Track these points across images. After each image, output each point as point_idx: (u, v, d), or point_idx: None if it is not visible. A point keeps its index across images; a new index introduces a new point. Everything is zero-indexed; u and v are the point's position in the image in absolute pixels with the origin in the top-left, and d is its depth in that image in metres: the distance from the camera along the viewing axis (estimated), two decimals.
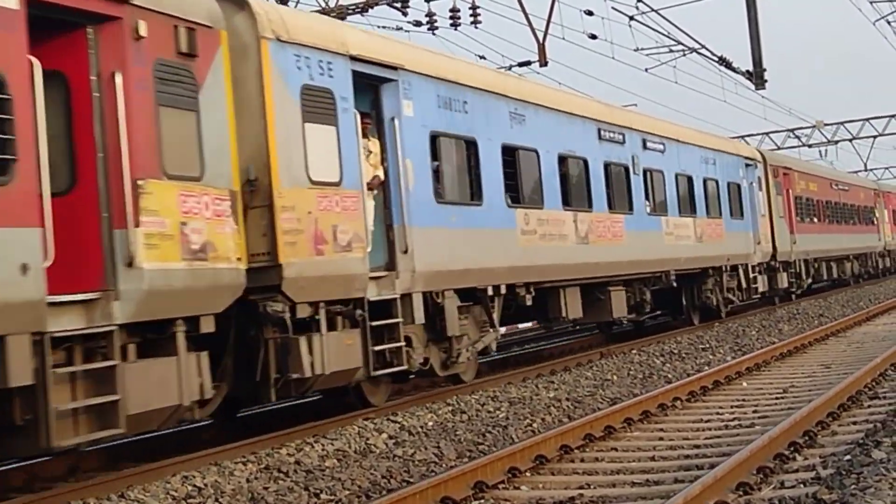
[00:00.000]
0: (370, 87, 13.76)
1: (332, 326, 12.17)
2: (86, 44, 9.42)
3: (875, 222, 48.89)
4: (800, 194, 35.20)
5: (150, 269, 9.44)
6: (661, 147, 23.37)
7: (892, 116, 55.15)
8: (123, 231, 9.35)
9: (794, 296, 33.30)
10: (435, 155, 14.66)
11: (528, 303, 16.71)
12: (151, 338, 9.77)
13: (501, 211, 16.25)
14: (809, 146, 58.01)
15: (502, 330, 17.58)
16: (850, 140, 57.30)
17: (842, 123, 57.00)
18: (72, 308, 8.88)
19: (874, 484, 6.97)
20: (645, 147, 22.41)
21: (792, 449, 9.40)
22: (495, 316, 15.80)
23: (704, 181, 25.59)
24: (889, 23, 33.50)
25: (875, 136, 56.63)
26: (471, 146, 15.62)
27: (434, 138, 14.67)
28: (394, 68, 13.92)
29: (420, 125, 14.34)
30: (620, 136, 21.19)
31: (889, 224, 58.12)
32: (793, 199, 33.93)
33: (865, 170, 65.05)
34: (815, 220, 37.22)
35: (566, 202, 18.38)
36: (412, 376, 14.72)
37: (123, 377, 9.07)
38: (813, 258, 35.62)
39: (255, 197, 11.39)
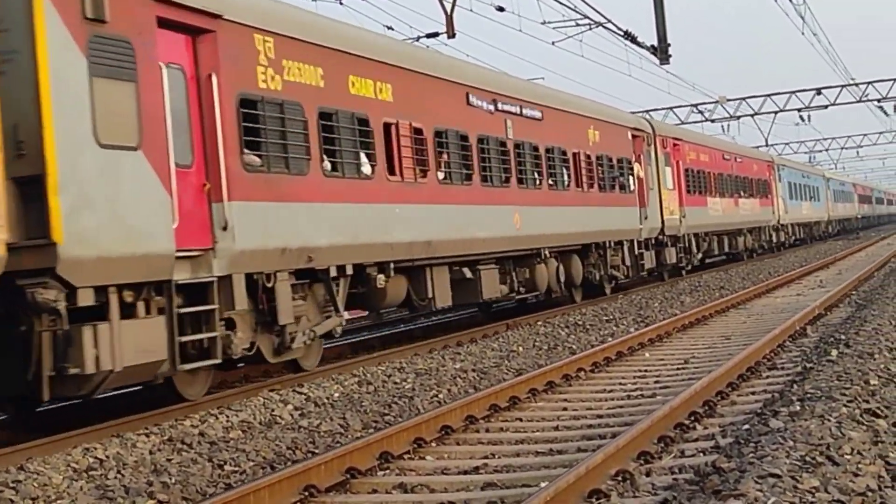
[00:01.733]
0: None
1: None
2: None
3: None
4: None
5: None
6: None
7: (793, 92, 56.15)
8: None
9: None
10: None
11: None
12: None
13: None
14: (713, 121, 58.87)
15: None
16: (752, 115, 58.24)
17: (744, 99, 57.91)
18: None
19: (771, 452, 7.11)
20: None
21: (692, 419, 9.57)
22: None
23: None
24: (791, 1, 34.04)
25: (776, 112, 57.62)
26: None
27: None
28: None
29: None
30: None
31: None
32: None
33: (766, 145, 66.23)
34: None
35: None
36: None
37: None
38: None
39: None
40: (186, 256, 11.48)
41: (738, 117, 58.34)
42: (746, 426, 8.80)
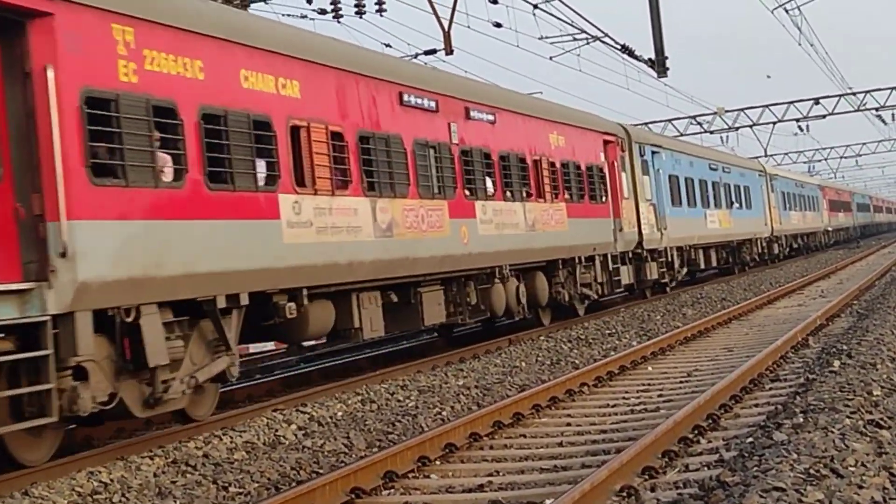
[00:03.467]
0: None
1: None
2: None
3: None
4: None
5: None
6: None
7: (791, 103, 56.19)
8: None
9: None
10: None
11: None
12: None
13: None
14: (711, 132, 58.87)
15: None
16: (751, 126, 58.25)
17: (742, 110, 57.92)
18: None
19: (775, 465, 7.11)
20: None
21: (696, 432, 9.57)
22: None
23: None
24: (787, 11, 34.13)
25: (774, 123, 57.62)
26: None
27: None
28: None
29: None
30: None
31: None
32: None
33: (765, 155, 66.23)
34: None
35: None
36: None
37: None
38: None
39: None
40: (7, 291, 9.42)
41: (737, 128, 58.37)
42: (750, 439, 8.80)
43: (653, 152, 29.79)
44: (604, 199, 24.87)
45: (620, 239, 25.57)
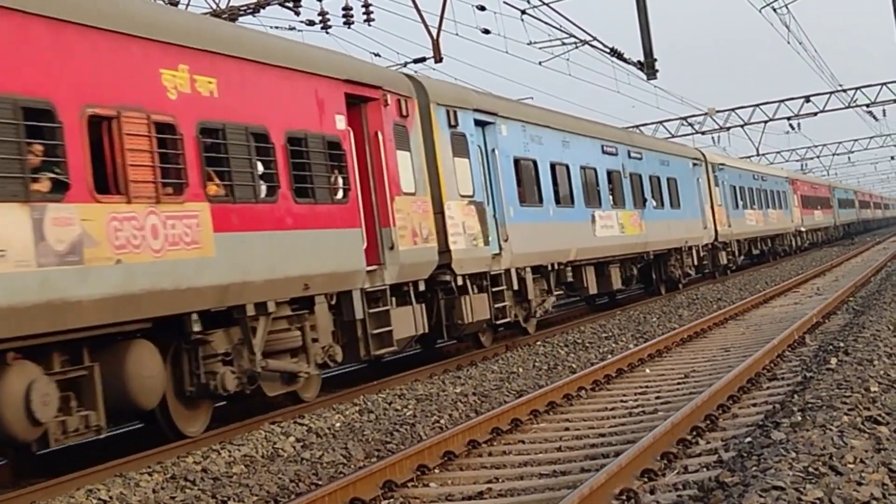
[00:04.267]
0: None
1: None
2: None
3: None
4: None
5: None
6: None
7: (782, 101, 56.28)
8: None
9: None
10: None
11: None
12: None
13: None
14: (703, 133, 58.96)
15: None
16: (742, 126, 58.34)
17: (733, 110, 58.01)
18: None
19: (774, 465, 7.11)
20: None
21: (694, 433, 9.56)
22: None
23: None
24: (775, 10, 34.16)
25: (766, 122, 57.70)
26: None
27: None
28: None
29: None
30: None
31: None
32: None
33: (757, 154, 66.32)
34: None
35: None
36: None
37: None
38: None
39: None
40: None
41: (728, 128, 58.46)
42: (749, 439, 8.80)
43: (478, 122, 19.34)
44: (340, 196, 14.63)
45: (391, 262, 15.62)
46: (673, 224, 31.19)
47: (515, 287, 19.84)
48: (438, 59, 25.45)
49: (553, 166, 22.77)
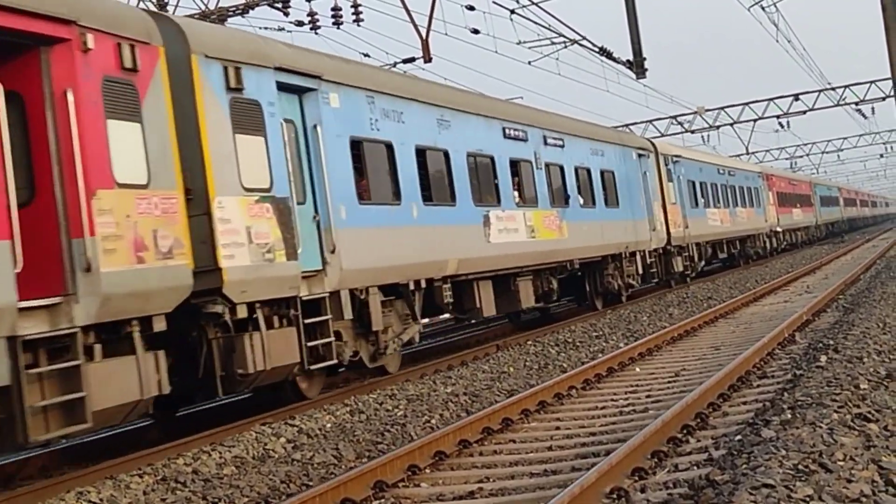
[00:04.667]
0: None
1: None
2: None
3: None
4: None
5: None
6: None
7: (771, 99, 56.39)
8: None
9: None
10: None
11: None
12: None
13: None
14: (692, 132, 59.06)
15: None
16: (732, 124, 58.45)
17: (723, 108, 58.13)
18: None
19: (764, 462, 7.12)
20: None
21: (685, 432, 9.58)
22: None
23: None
24: (763, 8, 34.22)
25: (755, 120, 57.82)
26: None
27: None
28: None
29: None
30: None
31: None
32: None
33: (747, 153, 66.44)
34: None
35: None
36: None
37: None
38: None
39: None
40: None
41: (718, 127, 58.56)
42: (739, 437, 8.82)
43: (287, 87, 14.17)
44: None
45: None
46: (608, 226, 26.10)
47: (350, 315, 14.76)
48: (428, 58, 25.47)
49: (422, 152, 17.64)
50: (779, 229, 50.92)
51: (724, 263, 41.52)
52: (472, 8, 28.22)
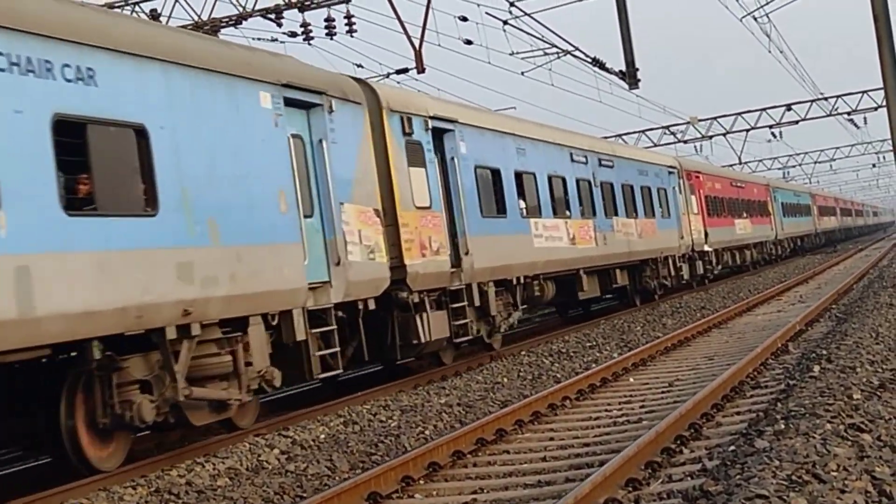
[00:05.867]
0: None
1: None
2: None
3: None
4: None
5: None
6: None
7: (763, 110, 56.50)
8: None
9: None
10: None
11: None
12: None
13: None
14: (685, 142, 59.17)
15: None
16: (724, 134, 58.54)
17: (715, 118, 58.24)
18: None
19: (758, 473, 7.13)
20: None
21: (678, 442, 9.59)
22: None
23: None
24: (755, 19, 34.29)
25: (748, 130, 57.93)
26: None
27: None
28: None
29: None
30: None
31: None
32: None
33: (740, 163, 66.57)
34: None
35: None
36: None
37: None
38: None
39: None
40: None
41: (710, 137, 58.66)
42: (732, 447, 8.82)
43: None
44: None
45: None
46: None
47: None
48: (421, 69, 25.49)
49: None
50: (707, 248, 37.33)
51: (583, 309, 29.07)
52: (465, 19, 28.28)
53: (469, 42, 29.02)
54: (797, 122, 55.88)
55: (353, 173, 15.14)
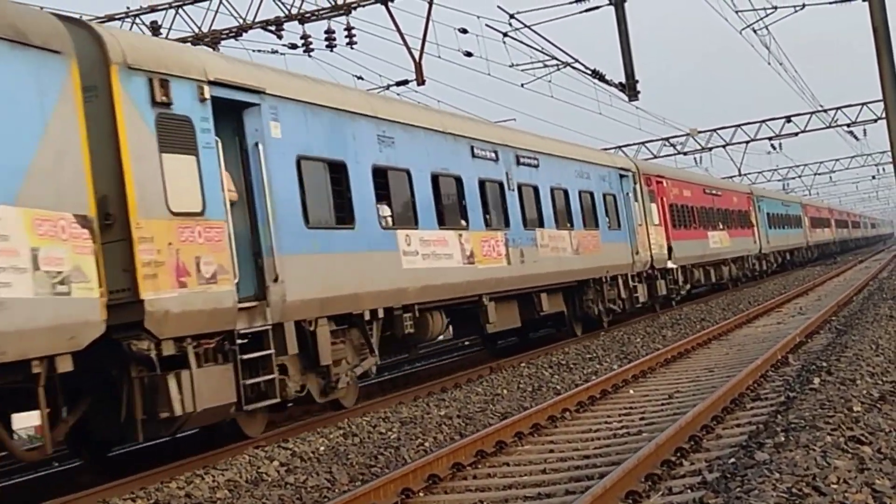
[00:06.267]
0: None
1: None
2: None
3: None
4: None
5: None
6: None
7: (763, 121, 56.57)
8: None
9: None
10: None
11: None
12: None
13: None
14: (685, 154, 59.21)
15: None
16: (724, 146, 58.60)
17: (715, 130, 58.30)
18: None
19: (758, 486, 7.12)
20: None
21: (679, 455, 9.57)
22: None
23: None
24: (755, 31, 34.35)
25: (747, 142, 57.99)
26: None
27: None
28: None
29: None
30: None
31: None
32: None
33: (739, 174, 66.62)
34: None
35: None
36: None
37: None
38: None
39: None
40: None
41: (710, 148, 58.73)
42: (732, 460, 8.81)
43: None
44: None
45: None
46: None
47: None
48: (421, 81, 25.52)
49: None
50: (672, 265, 32.59)
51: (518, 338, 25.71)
52: (464, 31, 28.31)
53: (469, 54, 29.06)
54: (797, 134, 55.98)
55: (31, 158, 9.80)
